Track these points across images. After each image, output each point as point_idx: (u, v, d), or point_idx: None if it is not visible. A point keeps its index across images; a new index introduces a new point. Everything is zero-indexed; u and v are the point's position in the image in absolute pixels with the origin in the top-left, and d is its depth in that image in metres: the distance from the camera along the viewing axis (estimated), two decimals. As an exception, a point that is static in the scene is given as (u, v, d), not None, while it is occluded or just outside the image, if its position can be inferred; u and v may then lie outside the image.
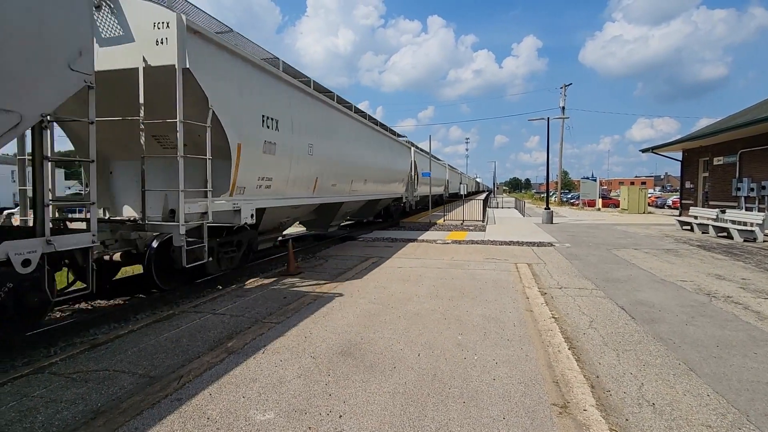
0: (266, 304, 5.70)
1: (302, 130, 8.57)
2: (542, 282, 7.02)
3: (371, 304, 5.62)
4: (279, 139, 7.62)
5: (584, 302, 5.78)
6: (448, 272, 7.77)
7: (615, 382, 3.42)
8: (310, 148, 8.95)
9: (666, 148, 20.53)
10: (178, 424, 2.78)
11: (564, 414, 2.93)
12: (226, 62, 6.33)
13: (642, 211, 27.93)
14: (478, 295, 6.15)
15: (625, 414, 2.94)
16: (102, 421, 2.80)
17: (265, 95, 7.35)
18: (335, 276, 7.45)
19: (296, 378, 3.46)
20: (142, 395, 3.16)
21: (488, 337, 4.43)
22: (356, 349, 4.07)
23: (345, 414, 2.92)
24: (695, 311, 5.37)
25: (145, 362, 3.78)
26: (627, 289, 6.49)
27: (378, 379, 3.44)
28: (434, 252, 10.30)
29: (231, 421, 2.81)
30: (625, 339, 4.39)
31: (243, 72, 6.73)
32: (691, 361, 3.83)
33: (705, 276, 7.48)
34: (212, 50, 6.04)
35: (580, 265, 8.57)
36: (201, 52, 5.73)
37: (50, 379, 3.46)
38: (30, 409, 2.97)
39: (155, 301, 6.03)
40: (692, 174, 19.62)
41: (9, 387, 3.31)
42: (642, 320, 5.00)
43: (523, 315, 5.19)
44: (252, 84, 6.96)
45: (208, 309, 5.45)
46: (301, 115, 8.57)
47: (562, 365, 3.72)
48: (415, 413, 2.93)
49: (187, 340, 4.32)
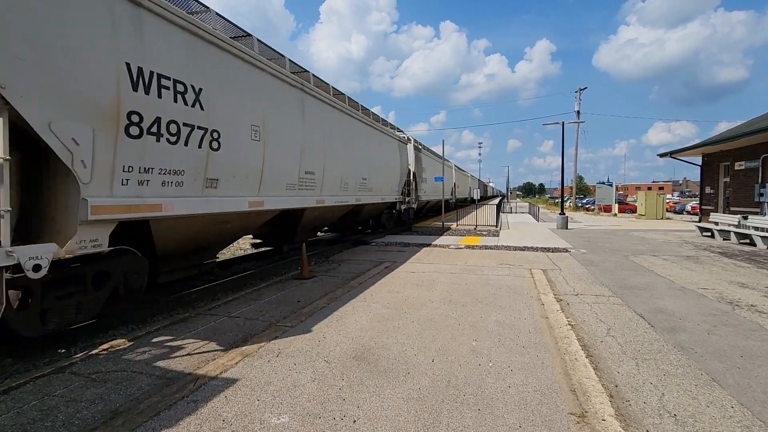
0: (280, 307, 5.73)
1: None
2: (558, 288, 6.92)
3: (384, 309, 5.61)
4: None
5: (601, 309, 5.67)
6: (462, 277, 7.72)
7: (634, 392, 3.34)
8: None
9: (685, 152, 20.10)
10: (194, 425, 2.81)
11: (582, 423, 2.87)
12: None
13: (660, 217, 27.36)
14: (492, 300, 6.08)
15: (645, 425, 2.87)
16: (120, 421, 2.85)
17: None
18: (348, 280, 7.46)
19: (310, 382, 3.46)
20: (159, 396, 3.21)
21: (503, 343, 4.37)
22: (370, 354, 4.06)
23: (359, 419, 2.91)
24: (717, 320, 5.22)
25: (162, 364, 3.83)
26: (645, 297, 6.35)
27: (392, 385, 3.42)
28: (447, 257, 10.24)
29: (246, 424, 2.83)
30: (645, 348, 4.29)
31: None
32: (714, 372, 3.72)
33: (727, 284, 7.27)
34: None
35: (596, 271, 8.42)
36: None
37: (70, 378, 3.53)
38: (51, 408, 3.03)
39: (172, 303, 6.11)
40: (712, 179, 19.16)
41: (31, 386, 3.39)
42: (662, 329, 4.88)
43: (538, 322, 5.12)
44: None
45: (223, 312, 5.50)
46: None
47: (580, 373, 3.66)
48: (429, 420, 2.90)
49: (203, 343, 4.37)
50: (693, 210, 33.76)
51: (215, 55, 5.70)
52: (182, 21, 5.07)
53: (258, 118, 6.59)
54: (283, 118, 7.45)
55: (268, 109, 6.88)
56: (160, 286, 6.20)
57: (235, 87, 6.08)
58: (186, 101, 5.11)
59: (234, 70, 6.09)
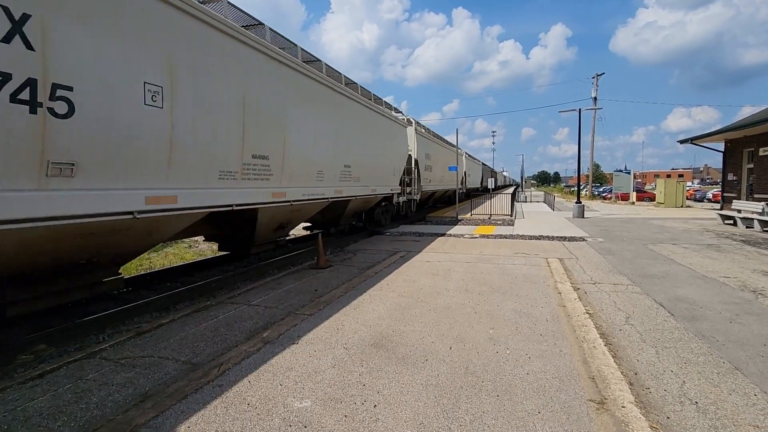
0: (298, 296, 5.83)
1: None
2: (575, 277, 6.87)
3: (401, 298, 5.66)
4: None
5: (620, 298, 5.63)
6: (477, 267, 7.71)
7: (655, 380, 3.33)
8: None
9: (706, 138, 19.55)
10: (221, 408, 2.91)
11: (601, 410, 2.88)
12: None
13: (680, 205, 26.76)
14: (508, 289, 6.08)
15: (666, 412, 2.87)
16: (151, 404, 2.96)
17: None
18: (364, 269, 7.53)
19: (330, 368, 3.54)
20: (185, 381, 3.32)
21: (520, 331, 4.39)
22: (388, 342, 4.12)
23: (379, 404, 2.97)
24: (740, 309, 5.14)
25: (187, 350, 3.96)
26: (665, 286, 6.27)
27: (410, 371, 3.47)
28: (462, 246, 10.23)
29: (270, 408, 2.92)
30: (665, 336, 4.26)
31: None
32: (737, 360, 3.68)
33: (750, 272, 7.12)
34: None
35: (614, 260, 8.32)
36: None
37: (101, 363, 3.68)
38: (85, 391, 3.17)
39: (192, 292, 6.27)
40: (735, 165, 18.63)
41: (64, 370, 3.54)
42: (682, 317, 4.83)
43: (555, 310, 5.11)
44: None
45: (243, 300, 5.63)
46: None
47: (598, 361, 3.65)
48: (449, 405, 2.95)
49: (225, 330, 4.49)
50: (715, 197, 32.90)
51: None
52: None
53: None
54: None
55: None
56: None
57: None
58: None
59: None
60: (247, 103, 6.10)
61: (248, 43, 6.15)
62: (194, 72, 5.13)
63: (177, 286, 6.53)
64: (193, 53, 5.11)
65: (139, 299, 5.71)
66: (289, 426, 2.70)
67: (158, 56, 4.62)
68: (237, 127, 5.93)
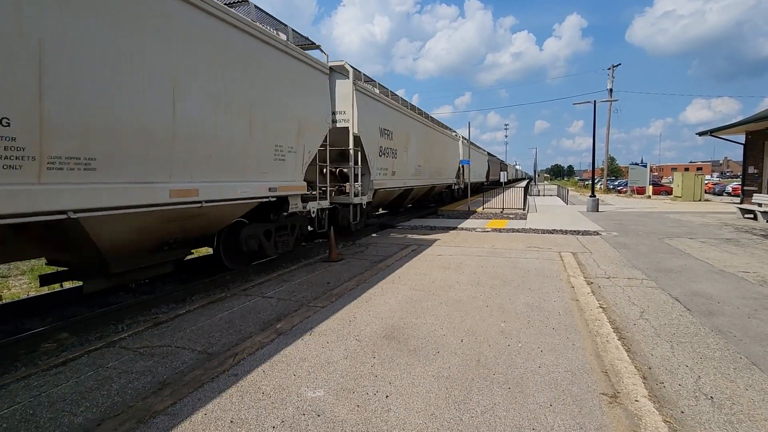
0: (311, 288, 5.89)
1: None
2: (588, 271, 6.81)
3: (412, 291, 5.68)
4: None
5: (634, 293, 5.56)
6: (489, 260, 7.69)
7: (669, 374, 3.30)
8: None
9: (726, 130, 19.01)
10: (236, 397, 2.98)
11: (614, 404, 2.87)
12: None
13: (698, 199, 26.17)
14: (520, 283, 6.06)
15: (680, 406, 2.84)
16: (169, 392, 3.05)
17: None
18: (376, 263, 7.56)
19: (343, 359, 3.58)
20: (202, 370, 3.40)
21: (532, 325, 4.37)
22: (399, 334, 4.15)
23: (391, 395, 3.00)
24: (759, 304, 5.04)
25: (203, 340, 4.05)
26: (681, 280, 6.17)
27: (422, 363, 3.50)
28: (474, 240, 10.19)
29: (284, 397, 2.98)
30: (680, 331, 4.20)
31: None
32: (754, 355, 3.62)
33: (770, 267, 6.96)
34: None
35: (628, 254, 8.21)
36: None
37: (120, 352, 3.79)
38: (106, 379, 3.27)
39: (208, 284, 6.39)
40: (756, 158, 18.10)
41: (86, 358, 3.66)
42: (699, 312, 4.76)
43: (568, 304, 5.08)
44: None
45: (257, 292, 5.71)
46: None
47: (611, 355, 3.63)
48: (460, 396, 2.97)
49: (240, 321, 4.57)
50: (734, 191, 32.10)
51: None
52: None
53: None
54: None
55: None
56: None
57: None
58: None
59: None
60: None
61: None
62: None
63: (192, 279, 6.65)
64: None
65: (156, 291, 5.83)
66: (302, 414, 2.75)
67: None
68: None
